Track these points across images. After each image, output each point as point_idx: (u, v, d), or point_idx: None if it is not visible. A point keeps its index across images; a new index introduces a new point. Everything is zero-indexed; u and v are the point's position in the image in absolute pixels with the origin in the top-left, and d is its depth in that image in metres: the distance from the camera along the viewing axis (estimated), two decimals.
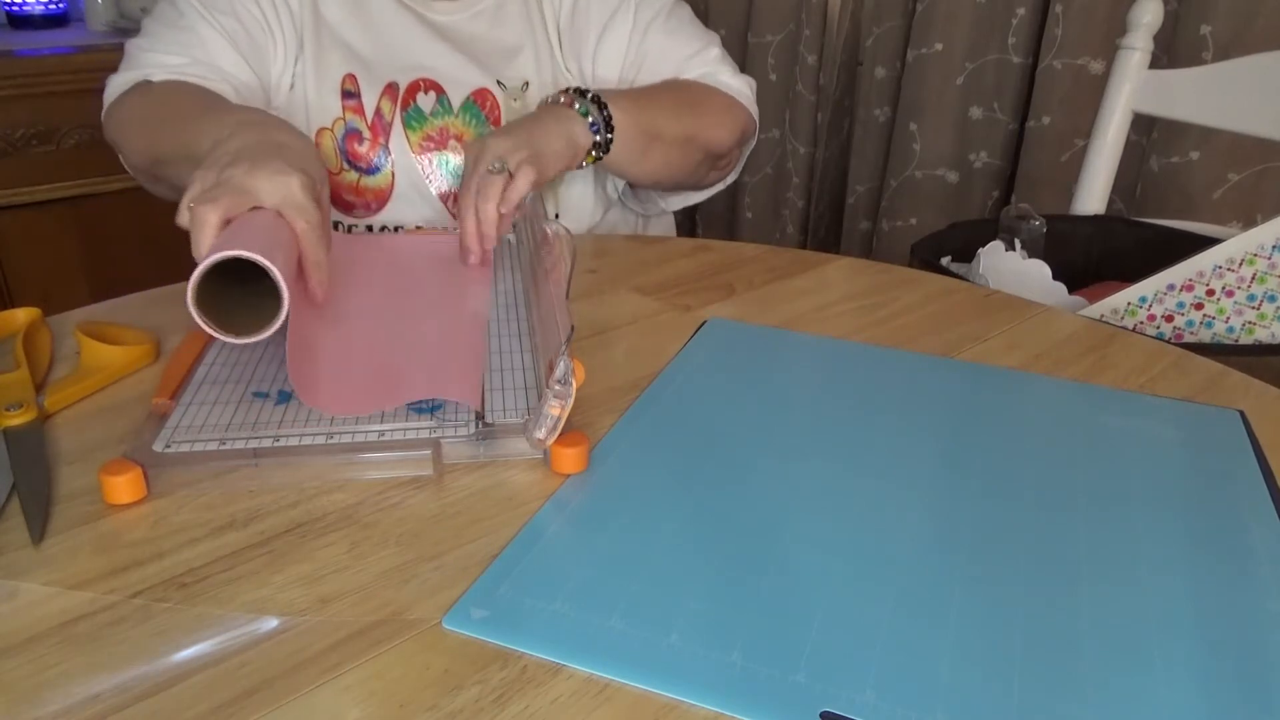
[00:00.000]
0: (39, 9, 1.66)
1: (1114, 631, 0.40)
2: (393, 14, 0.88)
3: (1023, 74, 1.53)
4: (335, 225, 0.87)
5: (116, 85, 0.83)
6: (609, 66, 0.93)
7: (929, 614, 0.40)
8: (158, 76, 0.81)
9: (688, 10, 0.98)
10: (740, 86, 0.95)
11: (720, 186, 1.00)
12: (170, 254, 1.58)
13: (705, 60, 0.94)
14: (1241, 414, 0.58)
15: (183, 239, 0.55)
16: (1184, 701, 0.36)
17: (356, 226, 0.87)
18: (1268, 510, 0.49)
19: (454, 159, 0.87)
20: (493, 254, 0.74)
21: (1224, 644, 0.39)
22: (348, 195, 0.87)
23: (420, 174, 0.86)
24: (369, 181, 0.86)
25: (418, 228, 0.88)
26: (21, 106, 1.42)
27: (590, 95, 0.80)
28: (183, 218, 0.58)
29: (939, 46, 1.58)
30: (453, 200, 0.88)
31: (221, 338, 0.52)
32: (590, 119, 0.80)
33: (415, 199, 0.87)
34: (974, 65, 1.57)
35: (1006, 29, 1.52)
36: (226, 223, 0.55)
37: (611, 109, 0.81)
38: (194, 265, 0.51)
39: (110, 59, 1.47)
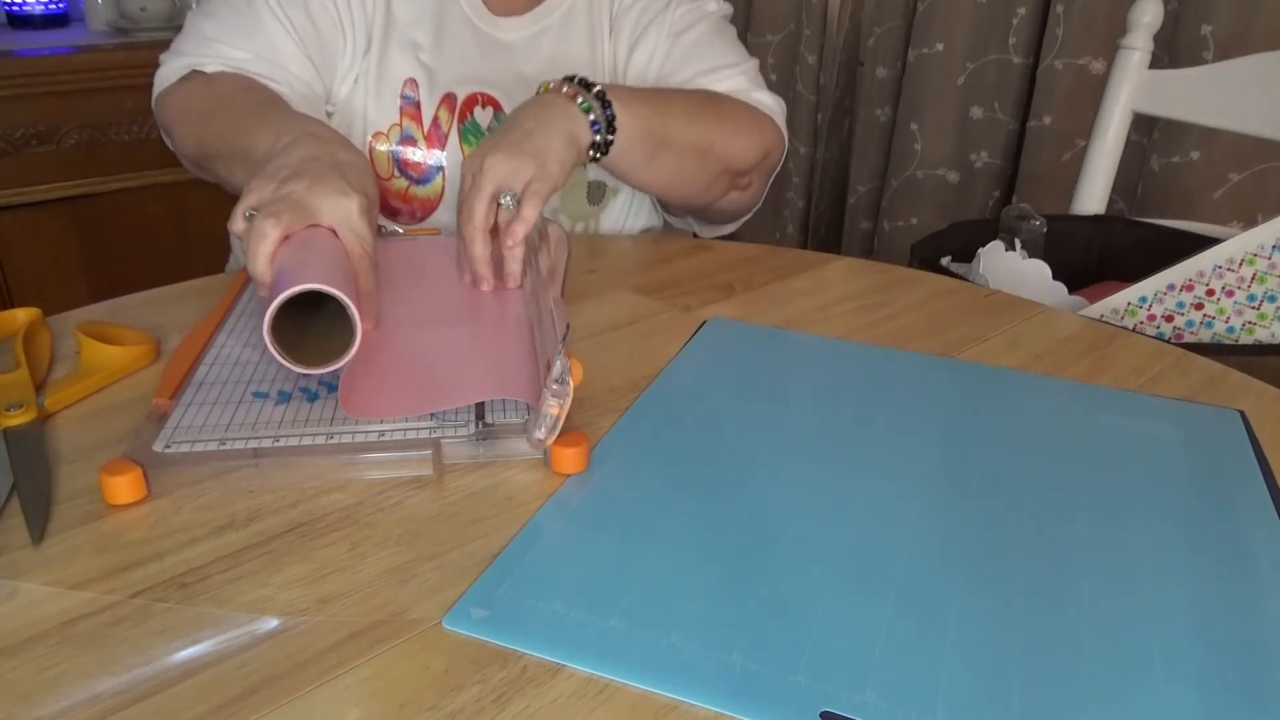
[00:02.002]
0: (39, 9, 1.66)
1: (1114, 631, 0.40)
2: (461, 26, 0.87)
3: (1023, 74, 1.53)
4: (379, 229, 0.86)
5: (174, 69, 0.80)
6: (636, 76, 0.91)
7: (929, 614, 0.40)
8: (213, 68, 0.78)
9: (732, 31, 0.95)
10: (771, 103, 0.91)
11: (746, 215, 0.97)
12: (170, 254, 1.59)
13: (736, 74, 0.90)
14: (1241, 414, 0.58)
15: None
16: (1184, 700, 0.36)
17: (397, 233, 0.85)
18: (1268, 510, 0.49)
19: None
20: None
21: (1224, 643, 0.39)
22: (394, 201, 0.85)
23: None
24: (418, 190, 0.85)
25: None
26: (21, 106, 1.42)
27: (595, 90, 0.76)
28: (237, 225, 0.58)
29: (940, 46, 1.58)
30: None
31: (292, 368, 0.52)
32: (592, 116, 0.75)
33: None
34: (975, 65, 1.57)
35: (1007, 29, 1.52)
36: (284, 238, 0.56)
37: (616, 107, 0.76)
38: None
39: (110, 59, 1.49)
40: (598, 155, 0.77)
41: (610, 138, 0.76)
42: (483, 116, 0.86)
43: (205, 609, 0.40)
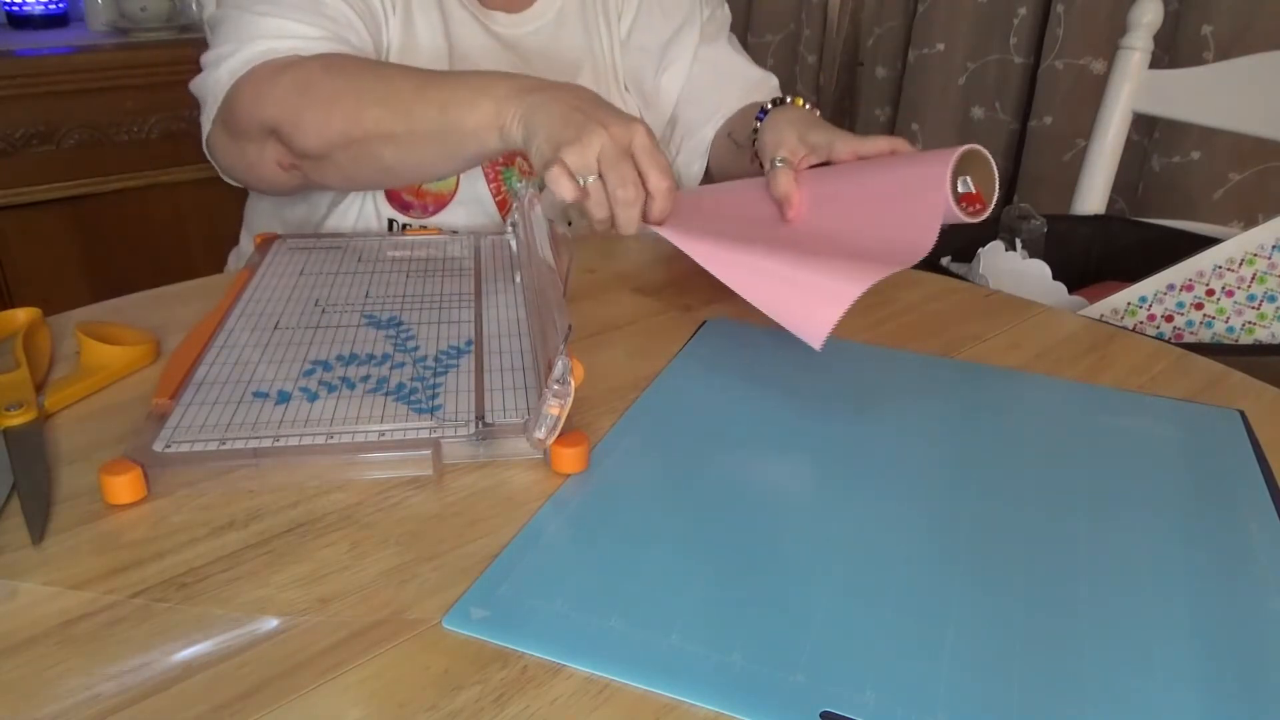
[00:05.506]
0: (39, 9, 1.66)
1: (1114, 631, 0.40)
2: (463, 23, 0.87)
3: (1024, 74, 1.53)
4: (389, 224, 0.87)
5: (241, 58, 0.74)
6: (672, 82, 0.96)
7: (929, 614, 0.40)
8: (287, 48, 0.74)
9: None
10: None
11: None
12: (170, 254, 1.59)
13: (773, 88, 0.99)
14: (1241, 414, 0.58)
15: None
16: (1184, 700, 0.36)
17: (410, 226, 0.86)
18: (1268, 510, 0.49)
19: (518, 175, 0.87)
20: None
21: (1223, 643, 0.39)
22: (406, 195, 0.86)
23: (485, 184, 0.86)
24: (432, 185, 0.86)
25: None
26: (21, 106, 1.42)
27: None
28: (570, 192, 0.63)
29: (940, 47, 1.58)
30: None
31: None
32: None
33: (474, 206, 0.87)
34: (975, 65, 1.57)
35: (1008, 29, 1.52)
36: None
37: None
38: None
39: (110, 59, 1.49)
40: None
41: None
42: None
43: (205, 609, 0.40)
